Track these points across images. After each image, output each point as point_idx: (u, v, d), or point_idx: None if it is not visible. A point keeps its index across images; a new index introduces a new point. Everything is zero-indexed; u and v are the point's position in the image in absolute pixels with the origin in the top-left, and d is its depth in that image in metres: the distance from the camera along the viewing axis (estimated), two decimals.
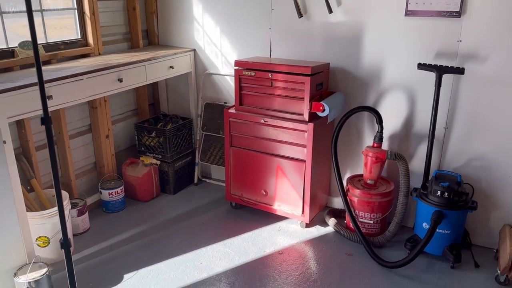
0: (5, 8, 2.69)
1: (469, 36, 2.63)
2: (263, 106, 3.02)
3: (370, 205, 2.90)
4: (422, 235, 2.77)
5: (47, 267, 2.37)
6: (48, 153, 3.06)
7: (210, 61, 3.61)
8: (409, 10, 2.73)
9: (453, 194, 2.62)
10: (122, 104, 3.65)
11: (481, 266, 2.72)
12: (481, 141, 2.76)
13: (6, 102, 2.25)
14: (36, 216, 2.62)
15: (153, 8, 3.68)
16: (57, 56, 2.96)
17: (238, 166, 3.22)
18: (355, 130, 3.17)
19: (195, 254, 2.83)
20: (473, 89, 2.70)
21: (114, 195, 3.30)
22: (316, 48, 3.13)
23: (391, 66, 2.91)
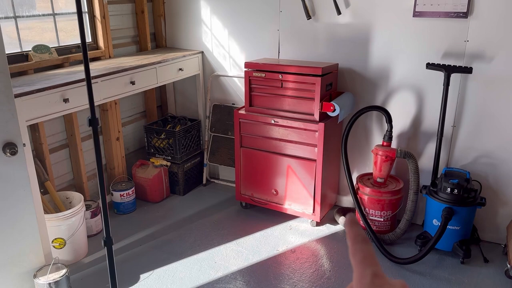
0: (19, 13, 2.72)
1: (476, 36, 2.68)
2: (273, 106, 3.06)
3: (380, 203, 2.95)
4: (432, 231, 2.82)
5: (66, 268, 2.40)
6: (60, 156, 3.09)
7: (218, 63, 3.65)
8: (417, 11, 2.79)
9: (462, 191, 2.67)
10: (131, 106, 3.69)
11: (490, 261, 2.77)
12: (488, 139, 2.82)
13: (24, 106, 2.28)
14: (52, 218, 2.65)
15: (161, 11, 3.71)
16: (69, 59, 2.99)
17: (248, 167, 3.26)
18: (363, 129, 3.22)
19: (209, 254, 2.86)
20: (480, 88, 2.76)
21: (126, 196, 3.34)
22: (324, 49, 3.18)
23: (400, 66, 2.96)
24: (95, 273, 2.68)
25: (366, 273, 0.39)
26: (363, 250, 0.40)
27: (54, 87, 2.43)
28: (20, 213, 2.27)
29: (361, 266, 0.39)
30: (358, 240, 0.41)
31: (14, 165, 2.12)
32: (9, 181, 2.13)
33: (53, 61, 2.87)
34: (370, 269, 0.39)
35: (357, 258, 0.40)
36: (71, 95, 2.53)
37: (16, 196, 2.17)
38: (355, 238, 0.41)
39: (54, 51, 2.90)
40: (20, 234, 2.29)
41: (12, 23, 2.70)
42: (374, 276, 0.38)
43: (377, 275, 0.38)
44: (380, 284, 0.38)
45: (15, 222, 2.20)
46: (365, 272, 0.39)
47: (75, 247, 2.78)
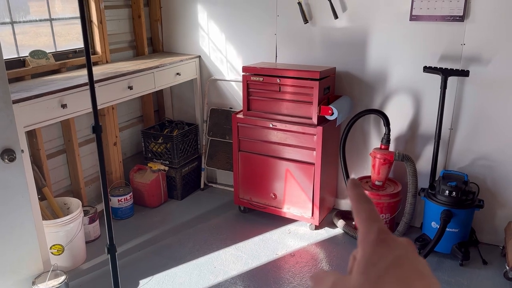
0: (16, 18, 2.71)
1: (473, 40, 2.71)
2: (271, 110, 3.07)
3: (379, 206, 2.95)
4: (430, 234, 2.83)
5: (64, 274, 2.39)
6: (58, 161, 3.08)
7: (215, 67, 3.65)
8: (413, 15, 2.81)
9: (460, 193, 2.69)
10: (128, 111, 3.68)
11: (489, 263, 2.79)
12: (485, 141, 2.84)
13: (22, 112, 2.27)
14: (51, 224, 2.64)
15: (158, 16, 3.71)
16: (66, 64, 2.98)
17: (246, 171, 3.26)
18: (361, 133, 3.23)
19: (208, 258, 2.85)
20: (477, 90, 2.78)
21: (123, 201, 3.32)
22: (321, 53, 3.19)
23: (397, 69, 2.98)
24: (94, 279, 2.66)
25: (371, 230, 0.40)
26: (366, 209, 0.41)
27: (52, 92, 2.42)
28: (18, 220, 2.25)
29: (366, 223, 0.40)
30: (361, 200, 0.42)
31: (12, 171, 2.10)
32: (7, 188, 2.11)
33: (50, 67, 2.86)
34: (376, 225, 0.40)
35: (362, 216, 0.41)
36: (69, 100, 2.52)
37: (14, 203, 2.15)
38: (359, 198, 0.42)
39: (51, 56, 2.89)
40: (19, 240, 2.27)
41: (9, 28, 2.68)
42: (379, 232, 0.39)
43: (382, 231, 0.39)
44: (385, 238, 0.39)
45: (13, 228, 2.18)
46: (371, 229, 0.40)
47: (73, 253, 2.76)
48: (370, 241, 0.39)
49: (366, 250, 0.39)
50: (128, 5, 3.53)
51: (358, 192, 0.43)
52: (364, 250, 0.39)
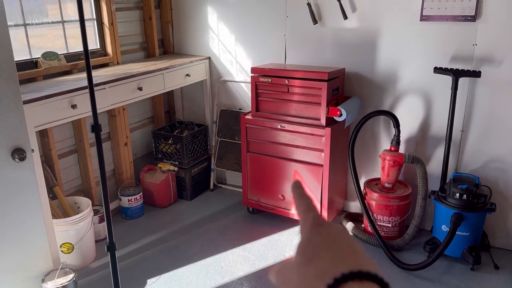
0: (29, 20, 2.76)
1: (485, 40, 2.66)
2: (279, 111, 3.06)
3: (388, 208, 2.92)
4: (440, 237, 2.79)
5: (73, 273, 2.42)
6: (69, 161, 3.12)
7: (225, 69, 3.67)
8: (424, 15, 2.77)
9: (472, 196, 2.64)
10: (139, 112, 3.71)
11: (500, 267, 2.73)
12: (497, 143, 2.79)
13: (33, 112, 2.31)
14: (60, 223, 2.68)
15: (169, 18, 3.75)
16: (77, 66, 3.02)
17: (255, 172, 3.26)
18: (371, 134, 3.21)
19: (216, 259, 2.86)
20: (489, 92, 2.73)
21: (133, 201, 3.35)
22: (330, 54, 3.18)
23: (407, 70, 2.94)
24: (102, 278, 2.69)
25: (308, 217, 0.45)
26: (304, 203, 0.48)
27: (62, 93, 2.46)
28: (28, 218, 2.29)
29: (304, 213, 0.46)
30: (301, 197, 0.49)
31: (23, 170, 2.14)
32: (18, 186, 2.15)
33: (62, 68, 2.91)
34: (312, 214, 0.46)
35: (301, 208, 0.48)
36: (79, 101, 2.55)
37: (24, 201, 2.19)
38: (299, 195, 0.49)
39: (63, 58, 2.93)
40: (29, 238, 2.32)
41: (22, 30, 2.74)
42: (315, 218, 0.45)
43: (318, 217, 0.45)
44: (321, 223, 0.44)
45: (23, 226, 2.22)
46: (308, 217, 0.45)
47: (83, 252, 2.79)
48: (307, 226, 0.44)
49: (304, 233, 0.44)
50: (139, 7, 3.57)
51: (299, 191, 0.49)
52: (302, 234, 0.44)
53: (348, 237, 0.42)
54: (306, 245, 0.42)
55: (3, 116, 2.02)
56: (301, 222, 0.46)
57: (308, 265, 0.40)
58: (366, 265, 0.39)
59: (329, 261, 0.39)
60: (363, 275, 0.37)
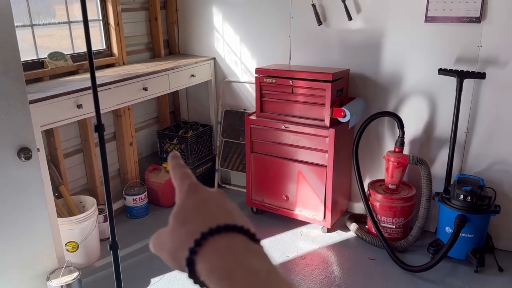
0: (36, 21, 2.79)
1: (490, 41, 2.65)
2: (283, 112, 3.07)
3: (392, 209, 2.92)
4: (444, 239, 2.78)
5: (78, 271, 2.44)
6: (74, 160, 3.15)
7: (229, 69, 3.68)
8: (429, 16, 2.77)
9: (476, 198, 2.63)
10: (145, 112, 3.74)
11: (505, 270, 2.72)
12: (502, 145, 2.78)
13: (39, 111, 2.34)
14: (66, 222, 2.70)
15: (174, 19, 3.77)
16: (83, 66, 3.05)
17: (259, 172, 3.27)
18: (375, 135, 3.20)
19: None
20: (494, 93, 2.72)
21: (138, 201, 3.37)
22: (335, 55, 3.18)
23: (411, 71, 2.94)
24: (106, 276, 2.71)
25: (184, 184, 0.46)
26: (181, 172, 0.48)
27: (68, 93, 2.49)
28: (34, 217, 2.31)
29: (180, 181, 0.47)
30: (178, 166, 0.49)
31: (28, 169, 2.17)
32: (23, 185, 2.17)
33: (68, 68, 2.94)
34: (187, 181, 0.46)
35: (177, 176, 0.48)
36: (84, 101, 2.58)
37: (30, 200, 2.21)
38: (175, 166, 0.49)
39: (69, 58, 2.96)
40: (34, 237, 2.34)
41: (28, 31, 2.77)
42: (190, 184, 0.45)
43: (193, 183, 0.46)
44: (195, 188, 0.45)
45: (29, 225, 2.24)
46: (183, 183, 0.46)
47: (87, 250, 2.82)
48: (182, 193, 0.45)
49: (179, 199, 0.45)
50: (145, 7, 3.59)
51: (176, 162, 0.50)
52: (178, 200, 0.45)
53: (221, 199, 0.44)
54: (180, 210, 0.43)
55: (10, 115, 2.04)
56: (177, 188, 0.46)
57: (180, 227, 0.41)
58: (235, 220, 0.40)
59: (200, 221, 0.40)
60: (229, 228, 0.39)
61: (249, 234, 0.40)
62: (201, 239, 0.38)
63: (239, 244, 0.39)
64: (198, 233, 0.39)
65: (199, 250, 0.38)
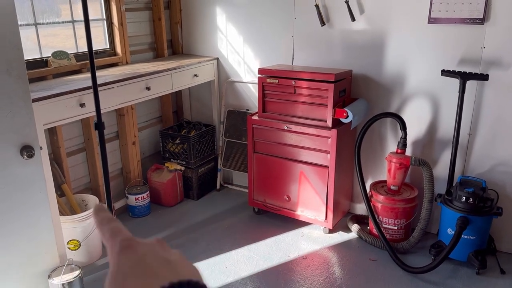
0: (40, 20, 2.81)
1: (493, 43, 2.64)
2: (286, 112, 3.07)
3: (394, 211, 2.91)
4: (446, 241, 2.77)
5: (79, 269, 2.45)
6: (77, 159, 3.16)
7: (233, 69, 3.69)
8: (432, 18, 2.76)
9: (478, 200, 2.62)
10: (148, 111, 3.75)
11: (506, 272, 2.70)
12: (505, 147, 2.76)
13: (42, 110, 2.35)
14: (68, 220, 2.71)
15: (178, 19, 3.78)
16: (87, 65, 3.06)
17: (261, 172, 3.27)
18: (377, 136, 3.20)
19: (220, 258, 2.87)
20: (497, 95, 2.71)
21: (140, 200, 3.38)
22: (338, 56, 3.18)
23: (414, 72, 2.93)
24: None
25: (115, 243, 0.41)
26: (109, 228, 0.43)
27: (71, 92, 2.50)
28: (36, 215, 2.33)
29: (110, 240, 0.42)
30: (104, 222, 0.44)
31: (31, 167, 2.18)
32: (26, 183, 2.19)
33: (72, 67, 2.95)
34: (118, 238, 0.41)
35: (106, 235, 0.43)
36: (88, 100, 2.59)
37: (32, 198, 2.23)
38: (102, 221, 0.44)
39: (73, 57, 2.97)
40: (36, 235, 2.35)
41: (32, 30, 2.78)
42: (121, 241, 0.41)
43: (125, 240, 0.41)
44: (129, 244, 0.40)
45: (31, 223, 2.26)
46: (114, 243, 0.41)
47: (89, 249, 2.83)
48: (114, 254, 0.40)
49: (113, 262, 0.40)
50: (148, 7, 3.60)
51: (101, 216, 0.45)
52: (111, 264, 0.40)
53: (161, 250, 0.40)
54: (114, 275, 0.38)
55: (13, 113, 2.05)
56: (109, 249, 0.42)
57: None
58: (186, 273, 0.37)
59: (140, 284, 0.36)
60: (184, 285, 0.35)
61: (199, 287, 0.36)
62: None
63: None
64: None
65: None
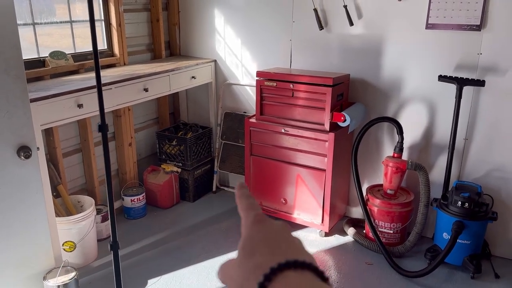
0: (38, 19, 2.79)
1: (489, 49, 2.67)
2: (283, 115, 3.08)
3: (390, 215, 2.93)
4: (442, 245, 2.79)
5: (75, 271, 2.43)
6: (73, 160, 3.15)
7: (230, 72, 3.69)
8: (429, 23, 2.79)
9: (473, 205, 2.64)
10: (144, 113, 3.74)
11: (501, 276, 2.72)
12: (501, 153, 2.79)
13: (39, 110, 2.34)
14: (63, 221, 2.69)
15: (176, 20, 3.77)
16: (84, 66, 3.05)
17: (258, 175, 3.27)
18: (374, 140, 3.21)
19: (217, 261, 2.87)
20: (493, 101, 2.74)
21: (136, 201, 3.37)
22: (336, 60, 3.19)
23: (412, 77, 2.95)
24: (103, 277, 2.71)
25: (249, 215, 0.46)
26: (247, 202, 0.49)
27: (69, 92, 2.49)
28: (32, 215, 2.31)
29: (245, 212, 0.47)
30: (244, 196, 0.50)
31: (28, 168, 2.16)
32: (22, 184, 2.17)
33: (69, 67, 2.94)
34: (253, 212, 0.46)
35: (243, 207, 0.48)
36: (85, 100, 2.58)
37: (29, 198, 2.21)
38: (242, 195, 0.50)
39: (70, 57, 2.96)
40: (32, 235, 2.33)
41: (30, 29, 2.77)
42: (256, 216, 0.46)
43: (259, 215, 0.46)
44: (261, 219, 0.45)
45: (27, 223, 2.24)
46: (249, 215, 0.46)
47: (84, 250, 2.81)
48: (248, 224, 0.45)
49: (245, 230, 0.45)
50: (147, 9, 3.60)
51: (242, 191, 0.51)
52: (244, 231, 0.45)
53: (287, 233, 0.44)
54: (247, 242, 0.43)
55: (10, 113, 2.04)
56: (243, 220, 0.47)
57: (248, 259, 0.41)
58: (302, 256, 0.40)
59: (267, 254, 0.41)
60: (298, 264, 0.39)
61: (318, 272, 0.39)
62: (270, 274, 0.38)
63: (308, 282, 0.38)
64: (266, 267, 0.39)
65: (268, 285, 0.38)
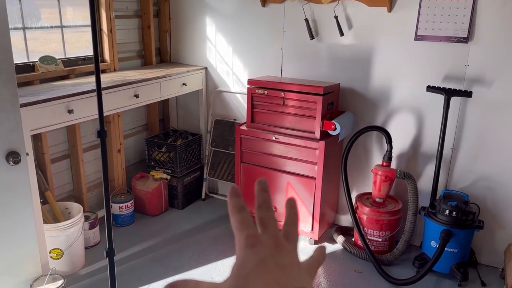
0: (28, 24, 2.77)
1: (476, 61, 2.73)
2: (274, 123, 3.09)
3: (379, 223, 2.95)
4: (429, 253, 2.82)
5: (62, 279, 2.39)
6: (61, 166, 3.10)
7: (221, 79, 3.70)
8: (418, 35, 2.84)
9: (461, 213, 2.68)
10: (134, 119, 3.72)
11: (487, 284, 2.77)
12: (487, 162, 2.85)
13: (29, 115, 2.31)
14: (51, 228, 2.65)
15: (167, 27, 3.78)
16: (75, 71, 3.03)
17: (248, 182, 3.27)
18: (363, 149, 3.25)
19: (206, 269, 2.85)
20: (480, 111, 2.80)
21: (124, 208, 3.33)
22: (326, 69, 3.23)
23: (400, 87, 3.00)
24: (91, 285, 2.67)
25: (241, 237, 0.43)
26: (238, 219, 0.45)
27: (59, 98, 2.46)
28: (19, 222, 2.27)
29: (237, 231, 0.44)
30: (235, 211, 0.45)
31: (16, 173, 2.13)
32: (10, 190, 2.13)
33: (59, 72, 2.91)
34: (244, 232, 0.43)
35: (234, 225, 0.45)
36: (76, 106, 2.55)
37: (16, 205, 2.17)
38: (233, 209, 0.46)
39: (60, 62, 2.93)
40: (19, 242, 2.29)
41: (20, 34, 2.74)
42: (247, 238, 0.42)
43: (250, 236, 0.43)
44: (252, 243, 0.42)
45: (14, 230, 2.20)
46: (241, 236, 0.43)
47: (72, 258, 2.76)
48: (240, 247, 0.43)
49: (238, 255, 0.42)
50: (138, 15, 3.60)
51: (234, 202, 0.46)
52: (237, 255, 0.43)
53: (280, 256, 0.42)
54: (239, 267, 0.41)
55: (0, 118, 2.01)
56: (236, 239, 0.44)
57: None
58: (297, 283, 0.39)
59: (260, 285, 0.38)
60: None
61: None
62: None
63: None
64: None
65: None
